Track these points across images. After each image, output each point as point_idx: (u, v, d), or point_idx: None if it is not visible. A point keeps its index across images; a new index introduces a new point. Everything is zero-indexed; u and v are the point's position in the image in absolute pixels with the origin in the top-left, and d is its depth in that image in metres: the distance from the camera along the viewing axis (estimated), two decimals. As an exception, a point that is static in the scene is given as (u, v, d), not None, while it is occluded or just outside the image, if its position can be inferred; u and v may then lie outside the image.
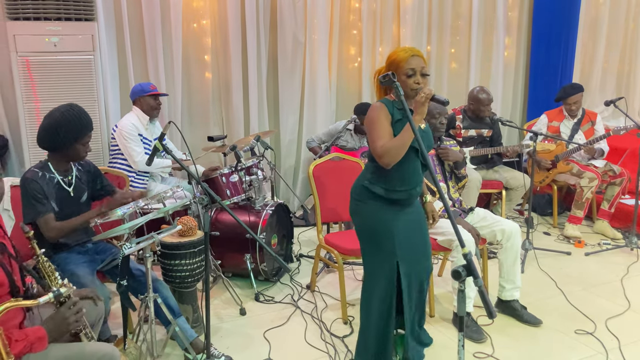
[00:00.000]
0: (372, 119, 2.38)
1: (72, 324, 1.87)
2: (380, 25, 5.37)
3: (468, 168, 3.91)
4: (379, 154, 2.30)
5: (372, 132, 2.36)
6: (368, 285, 2.55)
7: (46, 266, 1.92)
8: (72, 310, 1.87)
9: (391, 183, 2.40)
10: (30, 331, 1.79)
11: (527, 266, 3.94)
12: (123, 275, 2.49)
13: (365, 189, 2.46)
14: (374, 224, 2.46)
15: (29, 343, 1.75)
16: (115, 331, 2.87)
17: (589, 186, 4.47)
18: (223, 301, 3.46)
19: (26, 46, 3.74)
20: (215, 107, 4.90)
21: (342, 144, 4.77)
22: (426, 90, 2.27)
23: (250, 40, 4.77)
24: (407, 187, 2.41)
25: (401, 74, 2.34)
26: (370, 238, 2.50)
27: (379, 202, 2.44)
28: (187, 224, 2.90)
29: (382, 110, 2.36)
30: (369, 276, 2.55)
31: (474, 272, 1.68)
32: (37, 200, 2.56)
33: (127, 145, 3.75)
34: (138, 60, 4.50)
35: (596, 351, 2.85)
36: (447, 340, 2.96)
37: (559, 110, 4.83)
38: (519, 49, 6.09)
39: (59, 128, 2.59)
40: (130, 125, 3.77)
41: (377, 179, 2.43)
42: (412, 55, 2.34)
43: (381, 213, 2.44)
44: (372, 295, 2.52)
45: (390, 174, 2.37)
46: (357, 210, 2.52)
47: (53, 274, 1.93)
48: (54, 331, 1.83)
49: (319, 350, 2.87)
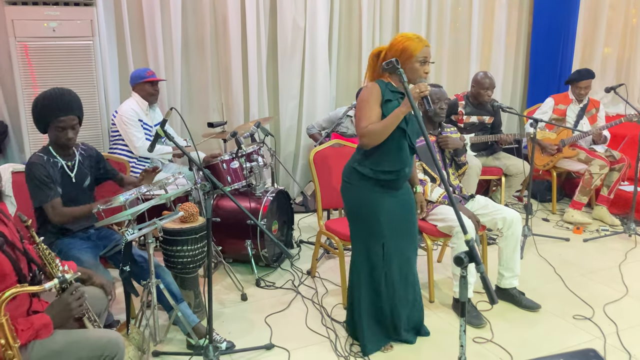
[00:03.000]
0: (362, 99, 2.50)
1: (75, 309, 1.88)
2: (380, 11, 5.34)
3: (468, 155, 3.91)
4: (361, 134, 2.44)
5: (360, 112, 2.48)
6: (357, 263, 2.69)
7: (46, 254, 1.93)
8: (75, 296, 1.88)
9: (379, 164, 2.51)
10: (35, 318, 1.81)
11: (526, 252, 3.96)
12: (126, 261, 2.51)
13: (355, 170, 2.58)
14: (361, 205, 2.59)
15: (34, 331, 1.77)
16: (118, 316, 2.90)
17: (600, 173, 4.48)
18: (224, 287, 3.48)
19: (25, 31, 3.71)
20: (215, 93, 4.88)
21: (342, 130, 4.76)
22: (422, 87, 2.38)
23: (250, 25, 4.73)
24: (394, 168, 2.52)
25: (414, 61, 2.44)
26: (358, 218, 2.63)
27: (367, 183, 2.55)
28: (189, 210, 2.91)
29: (374, 91, 2.48)
30: (357, 254, 2.69)
31: (476, 259, 1.69)
32: (45, 184, 2.57)
33: (127, 130, 3.74)
34: (137, 45, 4.46)
35: (594, 336, 2.88)
36: (447, 326, 2.99)
37: (565, 94, 4.83)
38: (519, 36, 6.07)
39: (35, 108, 2.58)
40: (131, 111, 3.76)
41: (365, 160, 2.54)
42: (425, 45, 2.46)
43: (368, 194, 2.56)
44: (360, 273, 2.66)
45: (377, 154, 2.50)
46: (346, 191, 2.64)
47: (54, 261, 1.94)
48: (57, 317, 1.85)
49: (320, 335, 2.90)
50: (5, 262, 1.81)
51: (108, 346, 1.89)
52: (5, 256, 1.82)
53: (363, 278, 2.67)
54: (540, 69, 6.06)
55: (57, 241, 2.66)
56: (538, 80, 6.08)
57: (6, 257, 1.81)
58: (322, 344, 2.82)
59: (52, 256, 1.95)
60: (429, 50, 2.47)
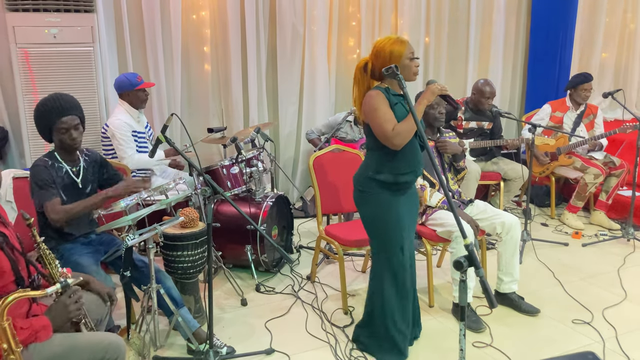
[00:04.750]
0: (373, 105, 2.49)
1: (73, 312, 1.88)
2: (379, 17, 5.37)
3: (467, 160, 3.93)
4: (390, 136, 2.42)
5: (377, 117, 2.47)
6: (378, 272, 2.68)
7: (47, 253, 1.93)
8: (73, 299, 1.88)
9: (398, 167, 2.54)
10: (35, 320, 1.82)
11: (525, 257, 3.97)
12: (126, 266, 2.51)
13: (371, 179, 2.58)
14: (383, 212, 2.59)
15: (33, 331, 1.77)
16: (119, 321, 2.90)
17: (594, 182, 4.51)
18: (224, 292, 3.48)
19: (25, 37, 3.74)
20: (215, 99, 4.90)
21: (341, 135, 4.78)
22: (443, 87, 2.48)
23: (250, 31, 4.76)
24: (412, 169, 2.57)
25: (404, 59, 2.49)
26: (379, 226, 2.63)
27: (386, 190, 2.57)
28: (189, 215, 2.92)
29: (380, 97, 2.50)
30: (379, 264, 2.68)
31: (476, 263, 1.71)
32: (46, 184, 2.58)
33: (118, 146, 3.62)
34: (137, 52, 4.49)
35: (593, 340, 2.89)
36: (447, 330, 3.00)
37: (562, 101, 4.85)
38: (517, 41, 6.09)
39: (36, 116, 2.61)
40: (124, 125, 3.62)
41: (382, 167, 2.55)
42: (407, 42, 2.53)
43: (388, 201, 2.58)
44: (383, 278, 2.65)
45: (396, 158, 2.52)
46: (364, 201, 2.64)
47: (54, 262, 1.95)
48: (55, 320, 1.85)
49: (320, 340, 2.90)
50: (3, 260, 1.82)
51: (109, 349, 1.90)
52: (4, 254, 1.83)
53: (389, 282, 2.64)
54: (538, 74, 6.08)
55: (59, 246, 2.67)
56: (536, 85, 6.10)
57: (5, 256, 1.82)
58: (322, 348, 2.83)
59: (52, 257, 1.95)
60: (411, 45, 2.55)
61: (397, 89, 2.56)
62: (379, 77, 2.57)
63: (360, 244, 3.21)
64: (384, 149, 2.51)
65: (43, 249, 1.93)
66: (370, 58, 2.58)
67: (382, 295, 2.65)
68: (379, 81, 2.60)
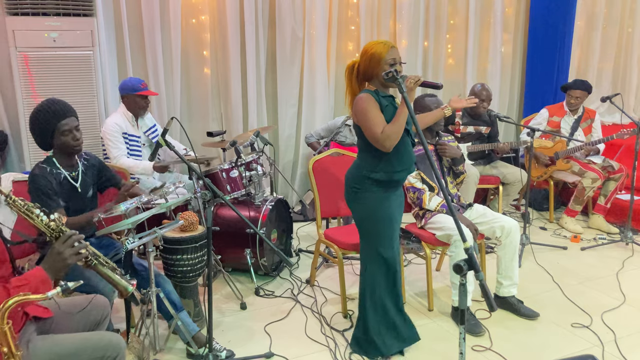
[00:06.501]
0: (363, 109, 2.52)
1: (70, 258, 1.79)
2: (377, 21, 5.39)
3: (466, 164, 3.94)
4: (380, 139, 2.47)
5: (367, 121, 2.51)
6: (369, 268, 2.71)
7: (21, 205, 1.82)
8: (67, 244, 1.79)
9: (391, 166, 2.58)
10: (30, 275, 1.74)
11: (524, 261, 3.98)
12: (126, 270, 2.51)
13: (366, 178, 2.62)
14: (377, 210, 2.63)
15: (33, 287, 1.69)
16: (118, 325, 2.90)
17: (592, 187, 4.53)
18: (224, 295, 3.48)
19: (25, 41, 3.74)
20: (214, 103, 4.91)
21: (340, 139, 4.79)
22: (413, 77, 2.49)
23: (249, 35, 4.78)
24: (405, 167, 2.62)
25: (383, 64, 2.51)
26: (371, 223, 2.67)
27: (380, 188, 2.62)
28: (189, 219, 2.92)
29: (370, 100, 2.53)
30: (370, 259, 2.70)
31: (476, 266, 1.71)
32: (47, 196, 2.57)
33: (106, 144, 3.68)
34: (137, 56, 4.49)
35: (592, 344, 2.89)
36: (446, 334, 3.00)
37: (559, 105, 4.87)
38: (515, 45, 6.12)
39: (34, 124, 2.60)
40: (114, 126, 3.67)
41: (377, 166, 2.59)
42: (391, 47, 2.53)
43: (381, 200, 2.63)
44: (375, 277, 2.68)
45: (389, 157, 2.56)
46: (357, 199, 2.67)
47: (33, 213, 1.83)
48: (51, 269, 1.76)
49: (320, 344, 2.90)
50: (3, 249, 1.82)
51: (108, 348, 1.90)
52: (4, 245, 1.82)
53: (380, 283, 2.68)
54: (537, 78, 6.10)
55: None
56: (534, 89, 6.12)
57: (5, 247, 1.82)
58: (321, 352, 2.83)
59: (27, 207, 1.82)
60: (397, 51, 2.55)
61: (386, 91, 2.61)
62: (364, 79, 2.62)
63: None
64: (376, 150, 2.54)
65: (18, 205, 1.80)
66: (358, 60, 2.63)
67: (374, 286, 2.69)
68: (365, 82, 2.63)
